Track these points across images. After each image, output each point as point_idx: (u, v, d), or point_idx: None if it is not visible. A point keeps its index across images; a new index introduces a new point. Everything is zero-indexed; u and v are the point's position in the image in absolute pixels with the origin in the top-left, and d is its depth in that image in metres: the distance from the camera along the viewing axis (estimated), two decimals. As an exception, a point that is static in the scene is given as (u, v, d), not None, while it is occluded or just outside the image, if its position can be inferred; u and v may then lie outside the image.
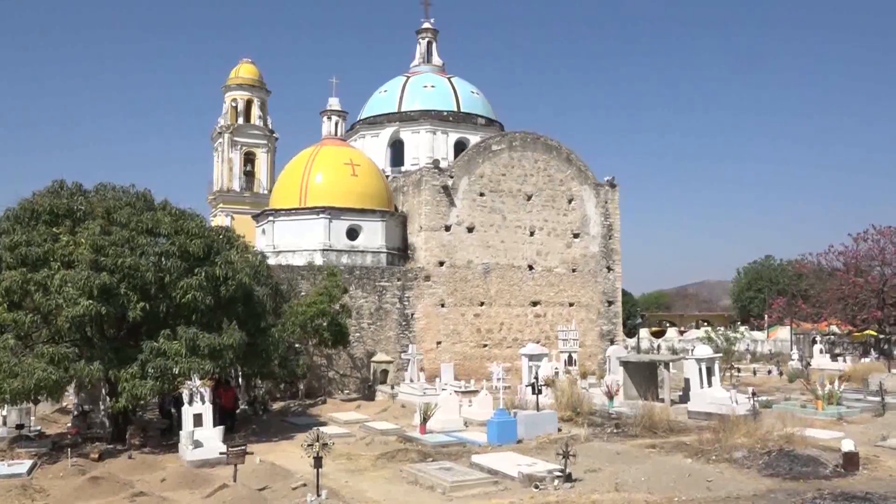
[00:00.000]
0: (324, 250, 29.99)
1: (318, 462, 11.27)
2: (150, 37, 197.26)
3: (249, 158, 45.76)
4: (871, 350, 41.27)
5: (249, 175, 45.56)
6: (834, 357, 38.93)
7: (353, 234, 30.66)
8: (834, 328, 46.56)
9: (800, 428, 14.76)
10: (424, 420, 17.58)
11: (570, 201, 33.72)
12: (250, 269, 18.82)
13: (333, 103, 34.16)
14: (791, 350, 44.25)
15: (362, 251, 30.52)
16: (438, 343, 30.24)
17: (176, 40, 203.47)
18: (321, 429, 16.51)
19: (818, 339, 42.90)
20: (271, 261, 26.30)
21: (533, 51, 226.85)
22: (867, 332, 43.02)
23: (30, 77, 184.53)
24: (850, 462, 12.36)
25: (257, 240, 31.59)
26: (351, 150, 33.81)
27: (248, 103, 46.12)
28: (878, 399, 20.15)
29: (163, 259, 16.84)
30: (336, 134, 33.94)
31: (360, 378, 28.24)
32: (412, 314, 29.92)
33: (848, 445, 12.68)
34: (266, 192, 42.80)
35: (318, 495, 11.07)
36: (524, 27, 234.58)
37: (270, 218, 31.37)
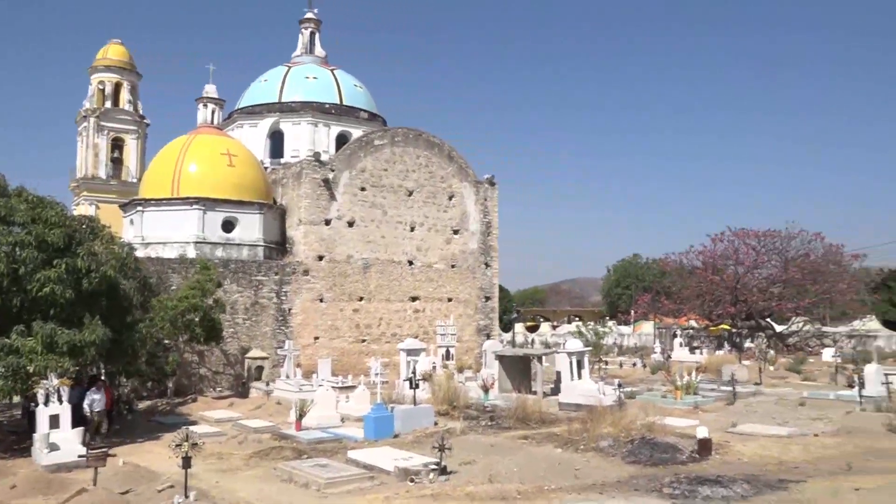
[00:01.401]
0: (197, 243, 28.84)
1: (186, 462, 10.83)
2: (11, 11, 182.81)
3: (118, 145, 43.33)
4: (725, 343, 44.27)
5: (117, 162, 43.14)
6: (692, 350, 41.47)
7: (228, 226, 29.66)
8: (693, 323, 49.63)
9: (660, 417, 15.59)
10: (300, 417, 17.28)
11: (450, 198, 34.08)
12: (116, 262, 17.80)
13: (210, 90, 32.89)
14: (654, 343, 46.81)
15: (238, 244, 29.58)
16: (316, 338, 29.80)
17: (40, 17, 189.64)
18: (191, 428, 15.89)
19: (678, 333, 45.55)
20: (140, 253, 25.01)
21: (416, 47, 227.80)
22: (722, 326, 46.15)
23: None
24: (704, 448, 13.18)
25: (125, 231, 29.96)
26: (228, 139, 32.67)
27: (117, 86, 43.65)
28: (729, 389, 21.62)
29: (17, 249, 15.66)
30: (212, 122, 32.70)
31: (233, 375, 27.38)
32: (290, 309, 29.32)
33: (702, 433, 13.51)
34: (135, 180, 40.68)
35: (186, 497, 10.64)
36: (408, 23, 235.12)
37: (140, 208, 29.83)
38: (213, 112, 32.81)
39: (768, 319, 47.21)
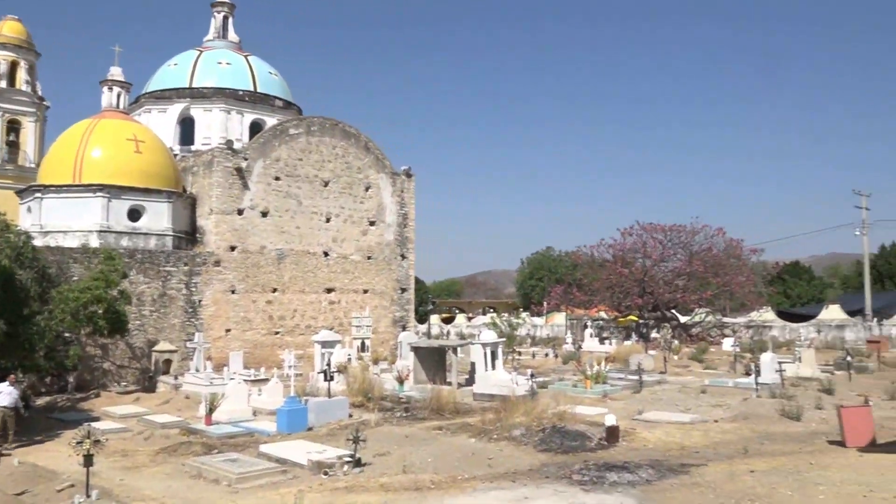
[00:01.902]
0: (101, 231, 27.63)
1: (87, 460, 10.39)
2: None
3: (14, 127, 40.92)
4: (633, 334, 45.79)
5: (13, 146, 40.76)
6: (602, 340, 42.71)
7: (135, 215, 28.53)
8: (602, 314, 51.03)
9: (571, 406, 15.99)
10: (210, 411, 16.85)
11: (367, 189, 33.87)
12: (11, 251, 16.89)
13: (115, 73, 31.48)
14: (566, 334, 47.98)
15: (146, 233, 28.51)
16: (228, 331, 29.10)
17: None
18: (93, 424, 15.25)
19: (589, 324, 46.82)
20: (38, 242, 23.76)
21: (333, 36, 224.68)
22: (630, 317, 47.69)
23: None
24: (612, 435, 13.61)
25: (22, 218, 28.40)
26: (135, 124, 31.38)
27: (13, 65, 41.21)
28: (636, 378, 22.39)
29: None
30: (118, 106, 31.32)
31: (139, 369, 26.41)
32: (200, 301, 28.50)
33: (610, 420, 13.95)
34: (34, 165, 38.58)
35: (88, 496, 10.21)
36: (325, 11, 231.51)
37: (38, 194, 28.32)
38: (118, 96, 31.44)
39: (673, 311, 49.09)
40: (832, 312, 50.20)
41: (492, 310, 77.17)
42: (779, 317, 53.71)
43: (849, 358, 24.91)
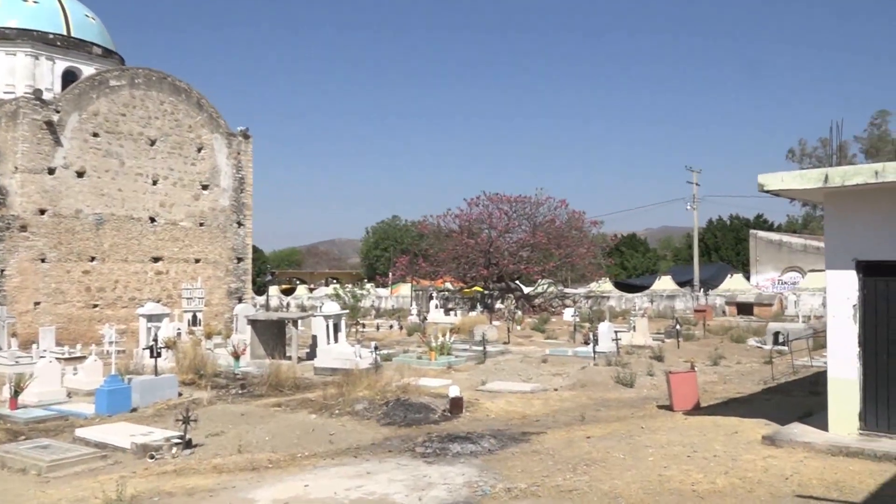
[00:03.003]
0: None
1: None
2: None
3: None
4: (478, 305, 47.26)
5: None
6: (447, 311, 43.75)
7: (-80, 171, 25.64)
8: (448, 285, 52.22)
9: (415, 378, 16.29)
10: (16, 393, 15.58)
11: (199, 150, 32.39)
12: None
13: None
14: (411, 305, 48.68)
15: (-66, 193, 25.72)
16: (37, 304, 26.99)
17: None
18: None
19: (434, 295, 47.79)
20: None
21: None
22: (475, 288, 49.13)
23: None
24: (456, 406, 14.02)
25: None
26: (-81, 66, 28.05)
27: None
28: (480, 349, 23.14)
29: None
30: None
31: (-72, 348, 23.98)
32: (2, 270, 26.18)
33: (454, 391, 14.35)
34: None
35: None
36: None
37: None
38: None
39: (517, 282, 51.12)
40: (664, 283, 54.42)
41: (335, 280, 76.77)
42: (616, 287, 57.41)
43: (678, 326, 27.08)
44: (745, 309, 45.38)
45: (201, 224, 32.37)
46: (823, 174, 10.10)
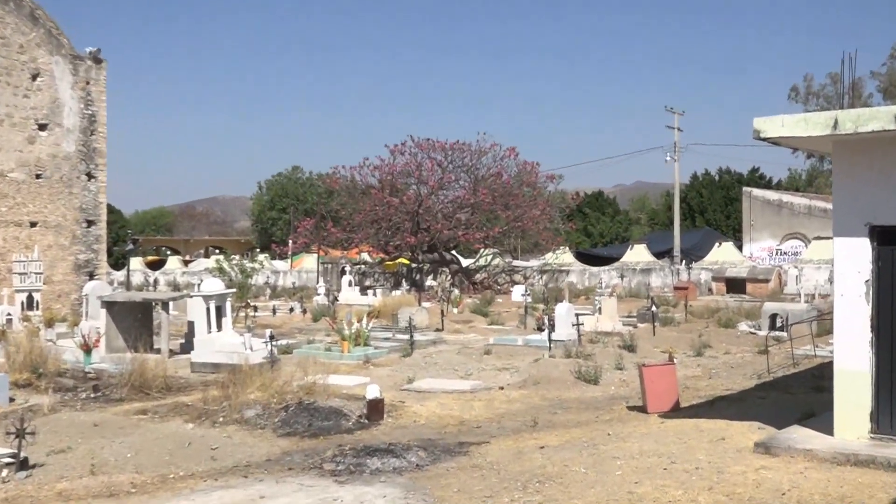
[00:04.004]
0: None
1: None
2: None
3: None
4: (404, 281, 47.41)
5: None
6: (364, 290, 43.79)
7: None
8: (366, 256, 52.23)
9: (323, 375, 16.29)
10: None
11: (34, 77, 31.36)
12: None
13: None
14: (318, 283, 48.54)
15: None
16: None
17: None
18: None
19: (348, 269, 47.71)
20: None
21: None
22: (400, 260, 49.23)
23: None
24: (375, 410, 14.11)
25: None
26: None
27: None
28: (407, 337, 23.27)
29: None
30: None
31: None
32: None
33: (373, 392, 14.43)
34: None
35: None
36: None
37: None
38: None
39: (454, 252, 51.45)
40: (637, 254, 55.65)
41: (218, 251, 75.85)
42: (578, 259, 58.52)
43: (654, 308, 27.76)
44: (735, 286, 46.77)
45: (38, 176, 31.46)
46: (832, 118, 10.40)
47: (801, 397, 14.78)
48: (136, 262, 61.24)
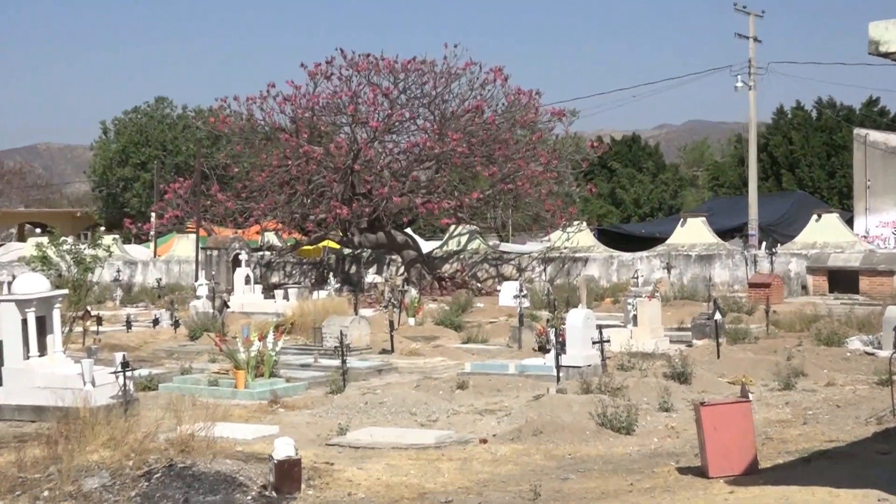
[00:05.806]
0: None
1: None
2: None
3: None
4: (331, 276, 47.14)
5: None
6: (270, 290, 43.60)
7: None
8: (272, 237, 51.86)
9: (207, 423, 16.19)
10: None
11: None
12: None
13: None
14: (197, 280, 48.17)
15: None
16: None
17: None
18: None
19: (244, 257, 47.37)
20: None
21: None
22: (325, 243, 49.01)
23: None
24: (288, 478, 14.00)
25: None
26: None
27: None
28: (337, 363, 23.19)
29: None
30: None
31: None
32: None
33: (284, 449, 14.30)
34: None
35: None
36: None
37: None
38: None
39: (409, 231, 51.31)
40: (692, 232, 55.33)
41: (39, 229, 75.22)
42: (601, 241, 58.18)
43: (718, 316, 27.80)
44: (843, 281, 46.82)
45: None
46: None
47: (944, 452, 14.85)
48: None
